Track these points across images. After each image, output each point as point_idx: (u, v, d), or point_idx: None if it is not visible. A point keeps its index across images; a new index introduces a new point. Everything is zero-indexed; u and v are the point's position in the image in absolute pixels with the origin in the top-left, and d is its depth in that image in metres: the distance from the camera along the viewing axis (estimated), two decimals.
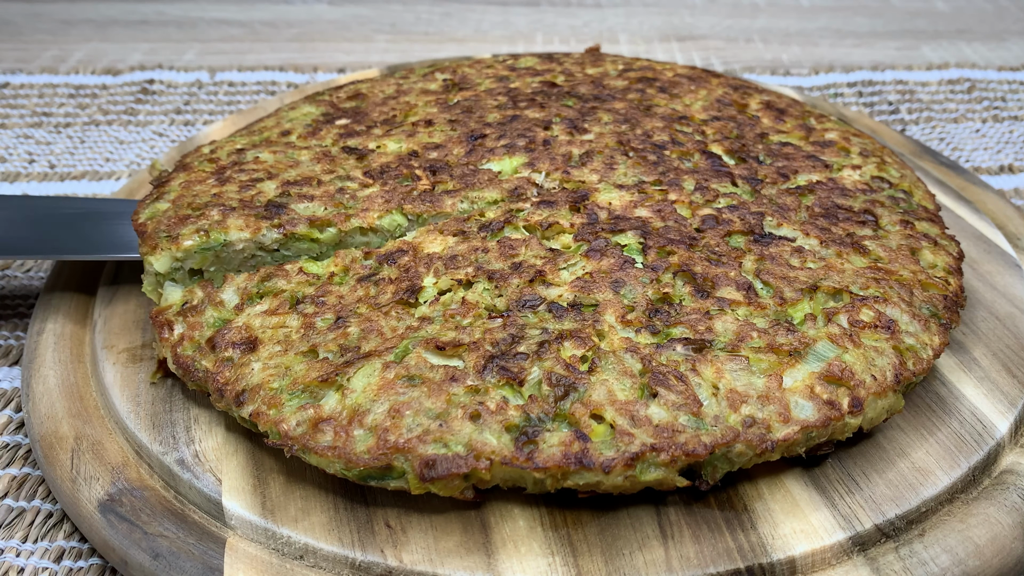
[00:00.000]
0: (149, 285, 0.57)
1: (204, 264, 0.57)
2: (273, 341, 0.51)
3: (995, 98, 1.04)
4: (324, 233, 0.58)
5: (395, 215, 0.59)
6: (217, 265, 0.57)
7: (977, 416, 0.52)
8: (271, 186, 0.61)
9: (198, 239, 0.56)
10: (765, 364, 0.48)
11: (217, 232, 0.56)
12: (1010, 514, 0.47)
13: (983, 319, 0.60)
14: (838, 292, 0.53)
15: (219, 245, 0.56)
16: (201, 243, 0.56)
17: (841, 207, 0.61)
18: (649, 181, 0.63)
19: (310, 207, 0.59)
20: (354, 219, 0.58)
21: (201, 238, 0.56)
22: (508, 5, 1.37)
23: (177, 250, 0.56)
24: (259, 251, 0.57)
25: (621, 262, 0.54)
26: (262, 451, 0.50)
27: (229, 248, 0.57)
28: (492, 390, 0.46)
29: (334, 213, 0.59)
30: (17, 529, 0.52)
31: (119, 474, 0.50)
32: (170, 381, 0.55)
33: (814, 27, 1.29)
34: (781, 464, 0.49)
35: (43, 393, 0.56)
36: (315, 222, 0.58)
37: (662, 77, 0.79)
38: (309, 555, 0.45)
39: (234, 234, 0.56)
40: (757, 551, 0.44)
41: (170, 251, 0.56)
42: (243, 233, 0.57)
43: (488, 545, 0.45)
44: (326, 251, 0.58)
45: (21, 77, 1.07)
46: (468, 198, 0.61)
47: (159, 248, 0.56)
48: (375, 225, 0.58)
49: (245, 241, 0.57)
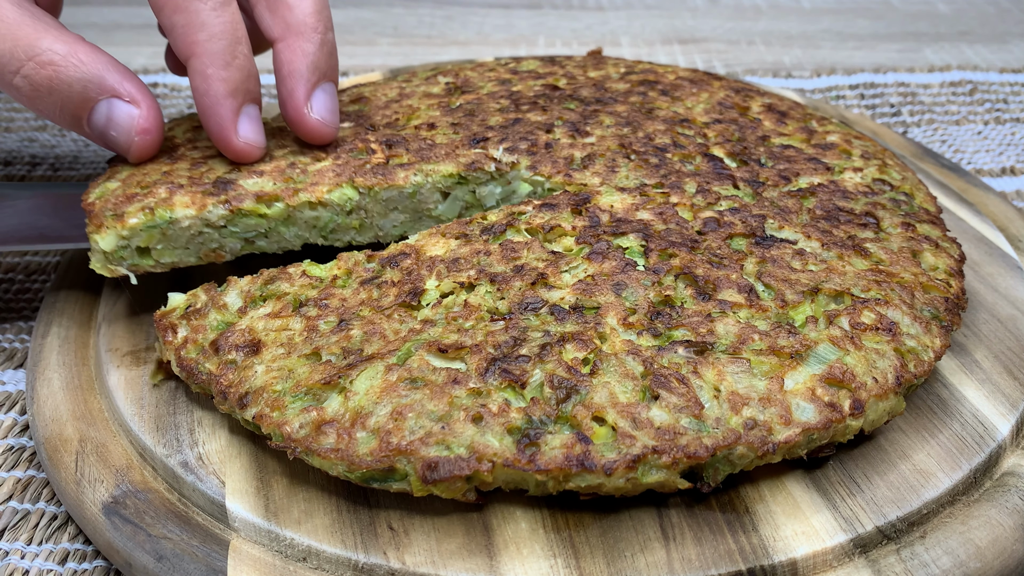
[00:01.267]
0: (98, 263, 0.56)
1: (151, 242, 0.56)
2: (276, 344, 0.51)
3: (997, 100, 1.04)
4: (272, 208, 0.57)
5: (346, 188, 0.58)
6: (164, 243, 0.56)
7: (978, 418, 0.52)
8: (222, 163, 0.60)
9: (143, 217, 0.55)
10: (766, 366, 0.48)
11: (163, 210, 0.55)
12: (1011, 516, 0.47)
13: (984, 321, 0.60)
14: (839, 294, 0.53)
15: (165, 223, 0.55)
16: (146, 221, 0.55)
17: (842, 209, 0.61)
18: (651, 184, 0.63)
19: (259, 182, 0.58)
20: (302, 193, 0.57)
21: (146, 216, 0.55)
22: (510, 8, 1.37)
23: (122, 228, 0.55)
24: (206, 228, 0.57)
25: (623, 265, 0.55)
26: (265, 453, 0.50)
27: (175, 226, 0.56)
28: (494, 392, 0.46)
29: (282, 188, 0.58)
30: (22, 531, 0.52)
31: (123, 476, 0.50)
32: (174, 384, 0.55)
33: (816, 29, 1.29)
34: (782, 466, 0.49)
35: (47, 396, 0.56)
36: (262, 197, 0.57)
37: (664, 80, 0.79)
38: (312, 557, 0.45)
39: (180, 211, 0.55)
40: (759, 553, 0.44)
41: (115, 229, 0.55)
42: (189, 210, 0.56)
43: (490, 547, 0.45)
44: (274, 227, 0.57)
45: None
46: (422, 171, 0.60)
47: (104, 227, 0.55)
48: (324, 199, 0.58)
49: (191, 218, 0.56)
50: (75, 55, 0.54)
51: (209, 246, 0.57)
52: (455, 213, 0.63)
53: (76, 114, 0.56)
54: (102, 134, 0.57)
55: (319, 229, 0.59)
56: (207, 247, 0.57)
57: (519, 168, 0.61)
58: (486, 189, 0.62)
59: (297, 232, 0.59)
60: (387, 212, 0.60)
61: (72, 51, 0.54)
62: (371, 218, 0.60)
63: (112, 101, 0.55)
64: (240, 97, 0.57)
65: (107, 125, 0.56)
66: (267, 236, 0.57)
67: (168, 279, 0.65)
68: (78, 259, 0.69)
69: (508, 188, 0.63)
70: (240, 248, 0.59)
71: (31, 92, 0.55)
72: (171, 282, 0.64)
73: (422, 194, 0.60)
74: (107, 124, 0.56)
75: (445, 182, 0.60)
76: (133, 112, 0.56)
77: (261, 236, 0.58)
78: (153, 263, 0.57)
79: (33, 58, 0.54)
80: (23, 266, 0.74)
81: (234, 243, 0.58)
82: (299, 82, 0.59)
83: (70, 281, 0.66)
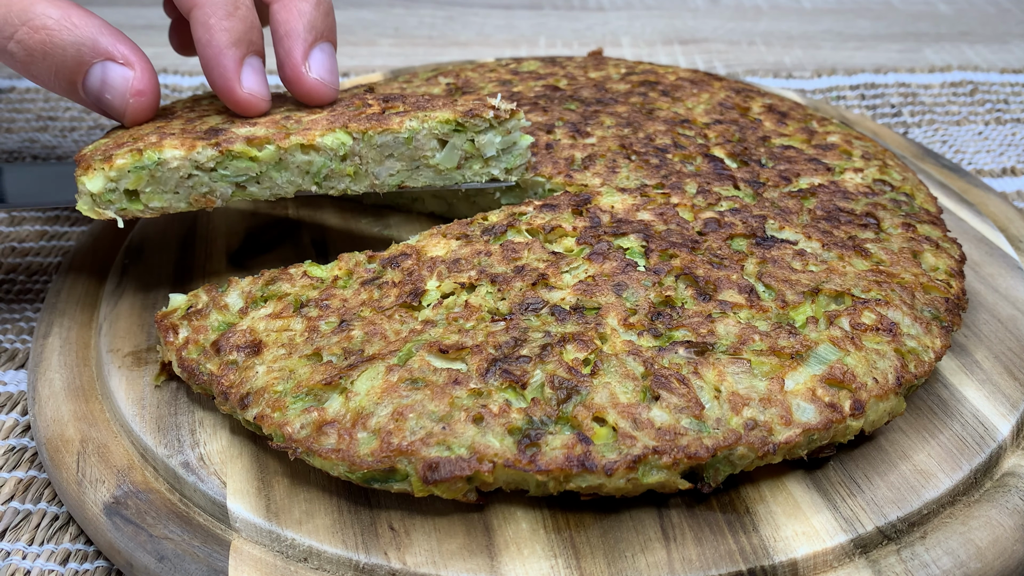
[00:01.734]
0: (85, 205, 0.55)
1: (139, 184, 0.55)
2: (277, 344, 0.51)
3: (997, 100, 1.04)
4: (263, 151, 0.56)
5: (339, 133, 0.57)
6: (153, 186, 0.55)
7: (979, 418, 0.52)
8: (217, 118, 0.60)
9: (131, 158, 0.54)
10: (767, 367, 0.48)
11: (151, 151, 0.54)
12: (1012, 516, 0.47)
13: (985, 321, 0.60)
14: (840, 295, 0.53)
15: (153, 163, 0.54)
16: (134, 161, 0.54)
17: (843, 210, 0.61)
18: (651, 184, 0.63)
19: (252, 130, 0.57)
20: (294, 136, 0.56)
21: (134, 156, 0.54)
22: (511, 9, 1.37)
23: (110, 169, 0.54)
24: (196, 170, 0.55)
25: (623, 265, 0.55)
26: (266, 454, 0.50)
27: (164, 167, 0.55)
28: (495, 393, 0.47)
29: (274, 132, 0.57)
30: (23, 531, 0.52)
31: (124, 477, 0.50)
32: (175, 384, 0.55)
33: (816, 30, 1.29)
34: (783, 466, 0.49)
35: (49, 396, 0.56)
36: (253, 140, 0.56)
37: (664, 80, 0.79)
38: (313, 557, 0.45)
39: (168, 152, 0.54)
40: (759, 553, 0.44)
41: (103, 170, 0.54)
42: (177, 151, 0.55)
43: (491, 547, 0.45)
44: (265, 171, 0.56)
45: (27, 82, 1.07)
46: (418, 117, 0.58)
47: (92, 168, 0.54)
48: (317, 143, 0.56)
49: (180, 159, 0.55)
50: (68, 19, 0.54)
51: (199, 190, 0.56)
52: (453, 163, 0.61)
53: (71, 79, 0.56)
54: (97, 98, 0.56)
55: (312, 175, 0.58)
56: (197, 191, 0.56)
57: (519, 117, 0.60)
58: (485, 138, 0.60)
59: (289, 178, 0.57)
60: (382, 159, 0.59)
61: (65, 15, 0.54)
62: (366, 165, 0.59)
63: (106, 64, 0.55)
64: (243, 47, 0.56)
65: (102, 88, 0.56)
66: (259, 181, 0.56)
67: (169, 280, 0.65)
68: (79, 260, 0.69)
69: (508, 139, 0.61)
70: (231, 194, 0.57)
71: (25, 57, 0.55)
72: (172, 283, 0.64)
73: (418, 140, 0.59)
74: (102, 87, 0.56)
75: (442, 128, 0.59)
76: (128, 74, 0.56)
77: (252, 181, 0.56)
78: (142, 208, 0.56)
79: (27, 23, 0.54)
80: (24, 267, 0.74)
81: (225, 187, 0.57)
82: (296, 42, 0.59)
83: (71, 282, 0.66)
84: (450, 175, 0.61)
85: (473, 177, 0.61)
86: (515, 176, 0.62)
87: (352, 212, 0.73)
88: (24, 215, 0.81)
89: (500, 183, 0.62)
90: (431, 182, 0.61)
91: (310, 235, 0.70)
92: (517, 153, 0.61)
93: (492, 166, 0.61)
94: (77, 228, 0.79)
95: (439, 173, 0.61)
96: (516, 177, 0.62)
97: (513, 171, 0.62)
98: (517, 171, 0.62)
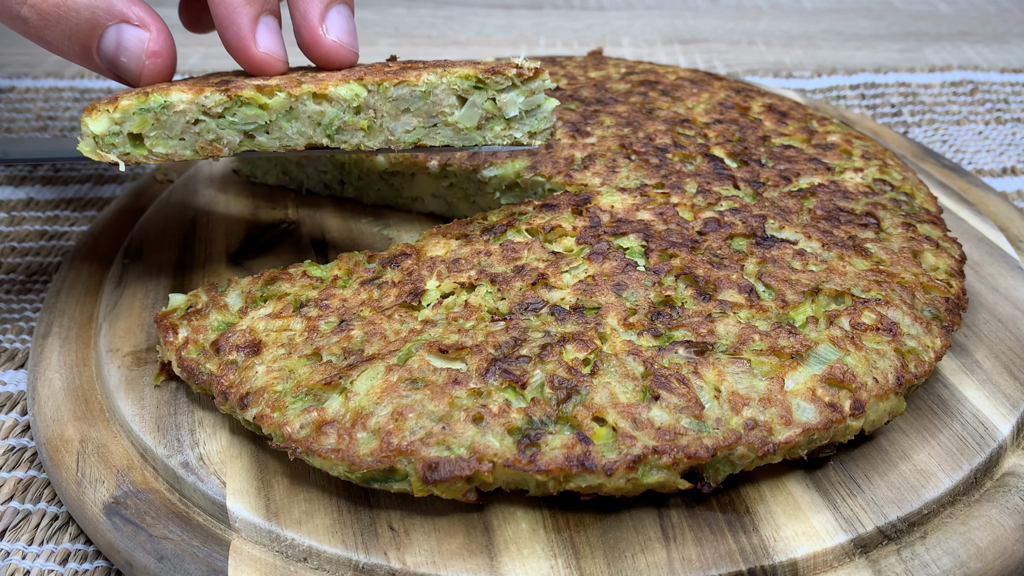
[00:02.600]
0: (86, 147, 0.53)
1: (144, 128, 0.53)
2: (277, 344, 0.51)
3: (998, 100, 1.04)
4: (273, 99, 0.54)
5: (353, 84, 0.55)
6: (159, 130, 0.54)
7: (979, 418, 0.52)
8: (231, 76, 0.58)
9: (136, 99, 0.53)
10: (767, 367, 0.48)
11: (158, 94, 0.53)
12: (1012, 516, 0.47)
13: (985, 321, 0.60)
14: (840, 295, 0.53)
15: (158, 106, 0.53)
16: (139, 103, 0.53)
17: (843, 210, 0.61)
18: (651, 184, 0.63)
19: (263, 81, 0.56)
20: (306, 84, 0.54)
21: (139, 98, 0.53)
22: (511, 8, 1.37)
23: (115, 110, 0.53)
24: (203, 116, 0.54)
25: (623, 265, 0.55)
26: (266, 454, 0.50)
27: (170, 110, 0.53)
28: (495, 393, 0.47)
29: (285, 81, 0.55)
30: (23, 531, 0.52)
31: (124, 477, 0.50)
32: (175, 384, 0.55)
33: (817, 30, 1.29)
34: (783, 466, 0.49)
35: (48, 396, 0.56)
36: (264, 89, 0.54)
37: (664, 80, 0.79)
38: (313, 557, 0.45)
39: (175, 95, 0.53)
40: (759, 553, 0.44)
41: (107, 111, 0.53)
42: (184, 94, 0.53)
43: (491, 547, 0.45)
44: (275, 120, 0.55)
45: (27, 81, 1.07)
46: (436, 72, 0.56)
47: (96, 110, 0.53)
48: (329, 92, 0.54)
49: (186, 103, 0.53)
50: None
51: (206, 137, 0.55)
52: (473, 122, 0.57)
53: (85, 43, 0.55)
54: (112, 62, 0.55)
55: (324, 127, 0.55)
56: (204, 139, 0.55)
57: (543, 77, 0.57)
58: (507, 97, 0.57)
59: (300, 128, 0.55)
60: (398, 114, 0.56)
61: None
62: (380, 119, 0.56)
63: (121, 26, 0.54)
64: (258, 6, 0.55)
65: (117, 51, 0.55)
66: (268, 131, 0.55)
67: (169, 280, 0.65)
68: (79, 260, 0.69)
69: (532, 100, 0.58)
70: (239, 143, 0.55)
71: (39, 22, 0.54)
72: (172, 283, 0.64)
73: (436, 96, 0.56)
74: (117, 50, 0.55)
75: (461, 84, 0.56)
76: (143, 36, 0.54)
77: (261, 130, 0.55)
78: (146, 153, 0.54)
79: None
80: (24, 266, 0.74)
81: (233, 136, 0.55)
82: (312, 3, 0.57)
83: (71, 282, 0.66)
84: (469, 135, 0.58)
85: (494, 139, 0.58)
86: (539, 140, 0.59)
87: (352, 212, 0.73)
88: (24, 215, 0.81)
89: (523, 147, 0.59)
90: (449, 141, 0.58)
91: (310, 235, 0.70)
92: (541, 116, 0.58)
93: (514, 128, 0.58)
94: (77, 228, 0.79)
95: (458, 132, 0.58)
96: (540, 141, 0.59)
97: (537, 135, 0.58)
98: (542, 135, 0.59)
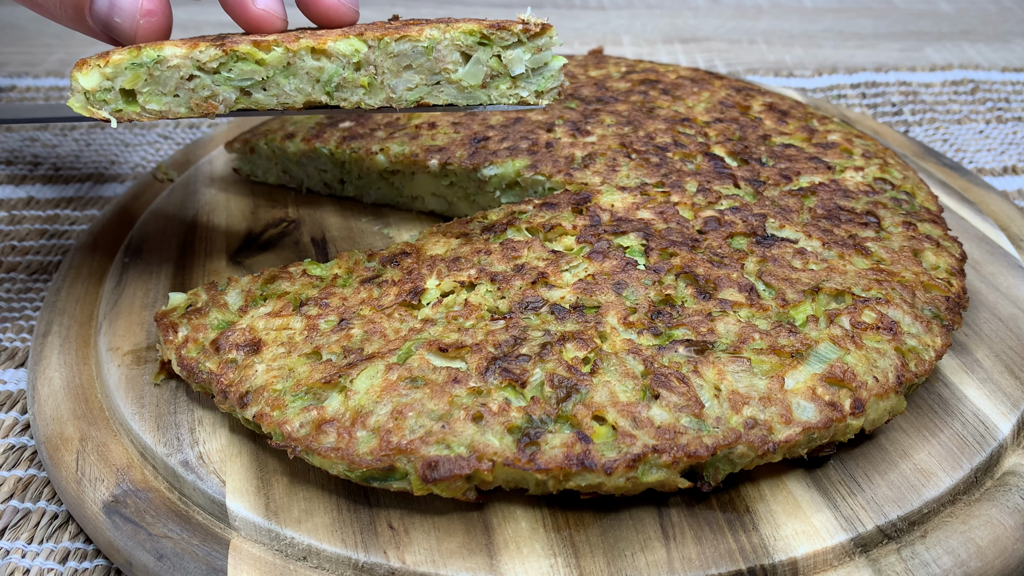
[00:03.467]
0: (77, 102, 0.52)
1: (136, 83, 0.52)
2: (277, 343, 0.51)
3: (998, 99, 1.04)
4: (270, 54, 0.53)
5: (353, 40, 0.53)
6: (152, 86, 0.52)
7: (979, 417, 0.52)
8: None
9: (128, 54, 0.51)
10: (767, 366, 0.48)
11: (151, 49, 0.52)
12: (1012, 515, 0.47)
13: (985, 320, 0.60)
14: (840, 294, 0.53)
15: (151, 61, 0.51)
16: (131, 58, 0.51)
17: (843, 209, 0.61)
18: (651, 183, 0.63)
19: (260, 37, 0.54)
20: (305, 39, 0.53)
21: (132, 53, 0.51)
22: (511, 8, 1.37)
23: (106, 65, 0.51)
24: (197, 71, 0.52)
25: (623, 264, 0.55)
26: (266, 452, 0.50)
27: (163, 65, 0.52)
28: (494, 392, 0.46)
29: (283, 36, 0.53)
30: (23, 530, 0.52)
31: (124, 475, 0.50)
32: (174, 383, 0.55)
33: (817, 29, 1.29)
34: (783, 465, 0.49)
35: (48, 395, 0.56)
36: (260, 44, 0.52)
37: (665, 79, 0.79)
38: (312, 556, 0.45)
39: (169, 50, 0.52)
40: (759, 552, 0.44)
41: (98, 67, 0.51)
42: (179, 49, 0.52)
43: (490, 546, 0.45)
44: (272, 76, 0.53)
45: (27, 80, 1.07)
46: (439, 27, 0.54)
47: (87, 65, 0.51)
48: (328, 47, 0.53)
49: (180, 57, 0.52)
50: None
51: (201, 94, 0.53)
52: (478, 80, 0.55)
53: (77, 4, 0.53)
54: (106, 23, 0.54)
55: (323, 84, 0.54)
56: (198, 95, 0.53)
57: (550, 34, 0.55)
58: (513, 54, 0.55)
59: (298, 85, 0.54)
60: (400, 70, 0.55)
61: None
62: (381, 76, 0.55)
63: None
64: None
65: (110, 11, 0.53)
66: (265, 88, 0.53)
67: (169, 279, 0.65)
68: (79, 259, 0.69)
69: (539, 57, 0.56)
70: (235, 100, 0.54)
71: None
72: (172, 282, 0.64)
73: (439, 52, 0.54)
74: (110, 10, 0.53)
75: (465, 40, 0.54)
76: None
77: (258, 86, 0.53)
78: (139, 110, 0.53)
79: None
80: (24, 265, 0.74)
81: (228, 92, 0.53)
82: None
83: (71, 280, 0.66)
84: (474, 93, 0.56)
85: (499, 98, 0.56)
86: (546, 100, 0.57)
87: (352, 211, 0.73)
88: (24, 214, 0.81)
89: (529, 106, 0.57)
90: (453, 100, 0.56)
91: (310, 234, 0.70)
92: (548, 75, 0.56)
93: (520, 87, 0.56)
94: (77, 227, 0.79)
95: (462, 91, 0.56)
96: (547, 101, 0.57)
97: (544, 94, 0.56)
98: (549, 95, 0.57)
